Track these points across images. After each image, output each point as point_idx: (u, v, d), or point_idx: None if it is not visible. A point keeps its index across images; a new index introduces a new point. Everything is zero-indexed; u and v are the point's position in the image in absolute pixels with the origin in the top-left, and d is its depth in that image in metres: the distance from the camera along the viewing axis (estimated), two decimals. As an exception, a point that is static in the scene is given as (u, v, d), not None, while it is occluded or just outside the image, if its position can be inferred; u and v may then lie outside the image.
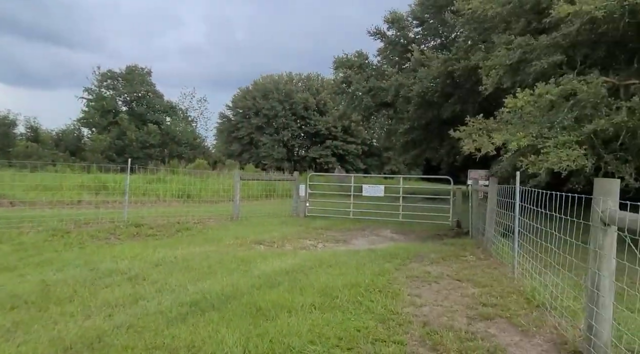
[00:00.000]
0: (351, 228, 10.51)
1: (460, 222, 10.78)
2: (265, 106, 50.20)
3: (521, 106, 6.07)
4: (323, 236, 9.19)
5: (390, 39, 22.49)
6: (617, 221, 2.63)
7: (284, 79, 53.79)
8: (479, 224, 8.81)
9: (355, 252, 7.23)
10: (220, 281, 4.93)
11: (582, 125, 5.70)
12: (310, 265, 5.92)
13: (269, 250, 7.17)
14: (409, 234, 10.05)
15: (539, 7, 9.76)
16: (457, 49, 14.92)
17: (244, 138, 51.60)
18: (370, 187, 11.97)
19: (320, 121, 49.95)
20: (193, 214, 11.08)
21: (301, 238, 8.69)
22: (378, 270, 5.69)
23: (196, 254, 6.42)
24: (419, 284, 5.12)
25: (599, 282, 2.88)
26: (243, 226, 9.86)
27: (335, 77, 22.94)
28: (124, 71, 38.53)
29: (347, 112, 23.99)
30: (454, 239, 9.01)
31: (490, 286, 4.96)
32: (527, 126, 6.42)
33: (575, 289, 4.68)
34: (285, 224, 10.62)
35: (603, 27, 6.87)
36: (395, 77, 18.41)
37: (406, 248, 7.66)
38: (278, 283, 4.94)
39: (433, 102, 16.41)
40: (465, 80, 15.25)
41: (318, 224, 10.71)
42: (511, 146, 5.83)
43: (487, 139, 6.26)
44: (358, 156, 51.85)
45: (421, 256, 6.98)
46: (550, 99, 5.80)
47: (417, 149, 22.70)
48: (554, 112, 6.15)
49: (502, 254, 6.53)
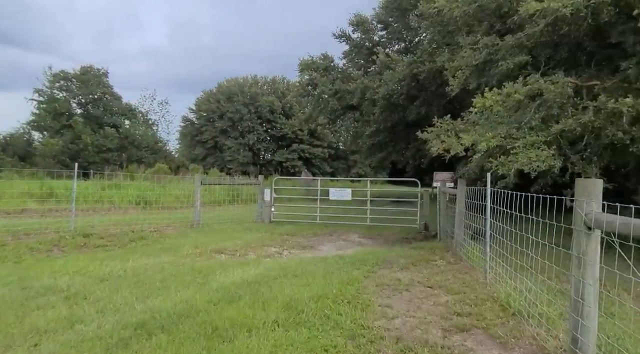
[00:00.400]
0: (318, 233, 10.18)
1: (427, 225, 10.68)
2: (230, 109, 49.26)
3: (490, 105, 5.96)
4: (289, 242, 8.80)
5: (355, 42, 22.43)
6: (605, 225, 2.42)
7: (249, 82, 53.03)
8: (447, 227, 8.69)
9: (323, 259, 6.90)
10: (174, 297, 4.45)
11: (550, 125, 5.65)
12: (274, 275, 5.52)
13: (231, 259, 6.71)
14: (377, 239, 9.82)
15: (500, 10, 9.85)
16: (422, 52, 14.97)
17: (208, 142, 50.38)
18: (337, 190, 11.70)
19: (287, 124, 49.55)
20: (150, 222, 10.40)
21: (265, 245, 8.27)
22: (346, 278, 5.37)
23: (149, 267, 5.87)
24: (390, 293, 4.84)
25: (583, 290, 2.67)
26: (204, 234, 9.31)
27: (301, 79, 22.63)
28: (78, 72, 36.58)
29: (313, 115, 23.71)
30: (423, 242, 8.86)
31: (463, 293, 4.75)
32: (494, 127, 6.32)
33: (549, 293, 4.54)
34: (249, 230, 10.15)
35: (565, 29, 6.91)
36: (361, 79, 18.31)
37: (375, 253, 7.40)
38: (238, 296, 4.52)
39: (399, 104, 16.39)
40: (430, 82, 15.31)
41: (284, 230, 10.31)
42: (480, 146, 5.69)
43: (456, 140, 6.11)
44: (324, 159, 51.78)
45: (390, 261, 6.73)
46: (518, 98, 5.71)
47: (383, 151, 22.70)
48: (521, 113, 6.09)
49: (473, 258, 6.37)
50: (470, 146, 6.01)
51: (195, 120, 52.69)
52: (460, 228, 7.29)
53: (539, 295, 4.43)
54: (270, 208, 11.78)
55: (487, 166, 5.96)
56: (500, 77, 8.04)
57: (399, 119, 17.62)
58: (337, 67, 23.20)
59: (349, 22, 22.21)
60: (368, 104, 18.76)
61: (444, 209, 9.14)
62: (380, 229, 10.99)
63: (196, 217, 10.38)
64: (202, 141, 50.59)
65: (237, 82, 51.85)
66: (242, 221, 11.70)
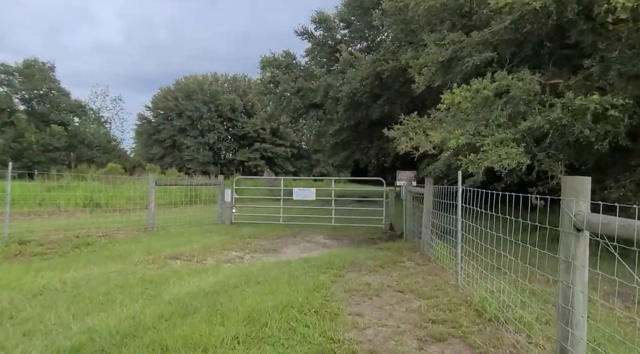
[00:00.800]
0: (281, 235, 9.78)
1: (393, 225, 10.54)
2: (189, 107, 47.76)
3: (459, 101, 5.83)
4: (251, 245, 8.35)
5: (318, 40, 22.18)
6: (601, 227, 2.20)
7: (209, 80, 51.66)
8: (414, 226, 8.56)
9: (287, 263, 6.52)
10: (118, 312, 3.93)
11: (517, 122, 5.59)
12: (234, 283, 5.09)
13: (187, 266, 6.19)
14: (342, 239, 9.56)
15: (461, 10, 9.86)
16: (385, 50, 14.89)
17: (165, 141, 48.63)
18: (301, 190, 11.34)
19: (248, 123, 48.68)
20: (99, 226, 9.61)
21: (226, 249, 7.78)
22: (313, 284, 5.02)
23: (93, 277, 5.27)
24: (359, 300, 4.54)
25: (572, 298, 2.47)
26: (158, 238, 8.67)
27: (262, 76, 22.09)
28: (20, 65, 34.02)
29: (276, 114, 23.23)
30: (389, 243, 8.67)
31: (436, 297, 4.53)
32: (462, 124, 6.20)
33: (522, 294, 4.40)
34: (208, 233, 9.58)
35: (528, 27, 6.91)
36: (324, 77, 18.06)
37: (341, 255, 7.11)
38: (194, 309, 4.06)
39: (362, 103, 16.26)
40: (393, 81, 15.28)
41: (245, 232, 9.82)
42: (450, 144, 5.54)
43: (425, 138, 5.93)
44: (287, 158, 51.32)
45: (358, 264, 6.45)
46: (487, 95, 5.61)
47: (346, 150, 22.59)
48: (488, 110, 6.00)
49: (442, 259, 6.21)
50: (439, 144, 5.85)
51: (152, 118, 50.70)
52: (427, 228, 7.14)
53: (512, 297, 4.28)
54: (231, 209, 11.25)
55: (455, 164, 5.82)
56: (464, 75, 7.98)
57: (362, 118, 17.51)
58: (299, 65, 22.85)
59: (311, 20, 21.94)
60: (331, 102, 18.53)
61: (410, 209, 9.01)
62: (345, 229, 10.74)
63: (150, 220, 9.69)
64: (160, 140, 48.76)
65: (196, 79, 50.34)
66: (202, 223, 11.09)
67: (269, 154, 49.43)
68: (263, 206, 13.86)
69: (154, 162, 44.42)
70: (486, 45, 7.04)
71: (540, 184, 6.42)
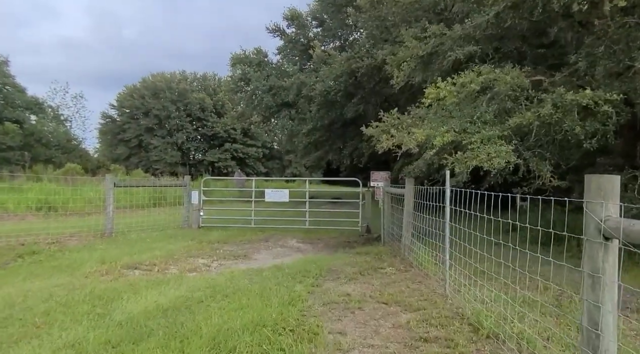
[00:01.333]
0: (253, 239, 9.19)
1: (370, 227, 10.15)
2: (156, 106, 46.11)
3: (444, 96, 5.47)
4: (219, 251, 7.73)
5: (290, 37, 21.64)
6: None
7: (177, 78, 50.09)
8: (392, 229, 8.18)
9: (258, 271, 5.97)
10: (56, 339, 3.29)
11: (505, 119, 5.29)
12: (199, 297, 4.51)
13: (146, 277, 5.54)
14: (317, 243, 9.08)
15: (437, 7, 9.60)
16: (360, 48, 14.56)
17: (131, 141, 46.77)
18: (274, 191, 10.78)
19: (218, 122, 47.50)
20: (50, 232, 8.72)
21: (192, 256, 7.14)
22: (287, 297, 4.52)
23: (32, 294, 4.56)
24: (340, 314, 4.07)
25: (600, 319, 2.07)
26: (116, 245, 7.92)
27: (233, 74, 21.33)
28: (-30, 58, 31.70)
29: (247, 112, 22.51)
30: (366, 246, 8.25)
31: (424, 310, 4.11)
32: (445, 121, 5.84)
33: (515, 302, 4.04)
34: (173, 238, 8.89)
35: (508, 22, 6.66)
36: (297, 75, 17.55)
37: (317, 262, 6.63)
38: (149, 332, 3.48)
39: (336, 101, 15.85)
40: (368, 79, 14.96)
41: (214, 237, 9.18)
42: (436, 141, 5.16)
43: (407, 135, 5.54)
44: (259, 159, 50.43)
45: (336, 271, 5.99)
46: (474, 89, 5.28)
47: (319, 150, 22.15)
48: (473, 106, 5.68)
49: (425, 264, 5.83)
50: (423, 141, 5.47)
51: (117, 117, 48.66)
52: (408, 231, 6.76)
53: (506, 307, 3.91)
54: (199, 212, 10.56)
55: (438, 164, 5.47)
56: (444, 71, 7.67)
57: (336, 117, 17.11)
58: (271, 63, 22.25)
59: (283, 17, 21.38)
60: (304, 101, 18.06)
61: (388, 210, 8.64)
62: (319, 232, 10.26)
63: (108, 225, 8.89)
64: (125, 140, 46.86)
65: (163, 77, 48.68)
66: (166, 227, 10.35)
67: (240, 154, 48.41)
68: (233, 208, 13.20)
69: (119, 162, 42.61)
70: (468, 39, 6.74)
71: (525, 185, 6.16)
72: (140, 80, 48.19)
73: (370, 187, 10.92)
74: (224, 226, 10.66)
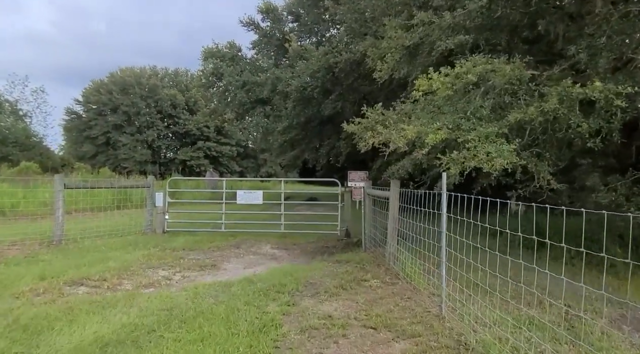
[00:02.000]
0: (223, 246, 8.41)
1: (349, 231, 9.52)
2: (125, 102, 44.22)
3: (437, 88, 4.89)
4: (184, 260, 6.93)
5: (264, 31, 20.78)
6: None
7: (148, 73, 48.24)
8: (375, 234, 7.59)
9: (226, 286, 5.23)
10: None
11: (504, 114, 4.75)
12: (151, 324, 3.75)
13: (91, 296, 4.70)
14: (293, 249, 8.38)
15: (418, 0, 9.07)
16: (338, 42, 13.93)
17: (98, 138, 44.71)
18: (246, 193, 9.99)
19: (191, 120, 45.97)
20: (-10, 240, 7.69)
21: (151, 267, 6.32)
22: (259, 322, 3.82)
23: (-61, 324, 3.67)
24: (322, 344, 3.40)
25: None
26: (64, 255, 6.98)
27: (204, 68, 20.29)
28: None
29: (219, 109, 21.52)
30: (347, 253, 7.61)
31: (420, 336, 3.49)
32: (435, 117, 5.26)
33: (522, 323, 3.49)
34: (132, 246, 8.00)
35: (499, 12, 6.16)
36: (272, 70, 16.76)
37: (293, 272, 5.94)
38: (77, 379, 2.70)
39: (313, 98, 15.13)
40: (346, 76, 14.32)
41: (179, 243, 8.35)
42: (428, 139, 4.56)
43: (396, 132, 4.92)
44: (233, 158, 49.20)
45: (314, 284, 5.32)
46: (470, 80, 4.72)
47: (295, 149, 21.38)
48: (466, 101, 5.12)
49: (413, 275, 5.24)
50: (414, 139, 4.86)
51: (83, 113, 46.41)
52: (393, 238, 6.17)
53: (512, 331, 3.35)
54: (164, 215, 9.67)
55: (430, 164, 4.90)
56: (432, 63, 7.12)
57: (313, 114, 16.40)
58: (245, 58, 21.33)
59: (257, 9, 20.51)
60: (280, 97, 17.28)
61: (370, 214, 8.03)
62: (296, 237, 9.56)
63: (57, 232, 7.90)
64: (92, 137, 44.77)
65: (133, 72, 46.74)
66: (127, 233, 9.41)
67: (214, 153, 47.06)
68: (202, 211, 12.32)
69: (85, 161, 40.63)
70: (458, 29, 6.18)
71: (520, 187, 5.66)
72: (107, 75, 46.11)
73: (348, 187, 10.29)
74: (192, 231, 9.81)
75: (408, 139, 4.78)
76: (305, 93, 15.04)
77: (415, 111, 5.87)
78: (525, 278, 4.21)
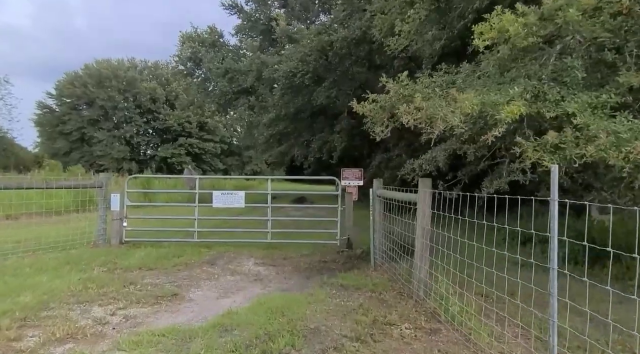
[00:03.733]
0: (193, 262, 6.60)
1: (351, 240, 7.79)
2: (101, 96, 41.80)
3: (508, 37, 3.20)
4: (136, 287, 5.10)
5: (249, 15, 18.89)
6: None
7: (126, 66, 45.78)
8: (387, 245, 5.88)
9: (185, 337, 3.46)
10: None
11: (602, 78, 3.11)
12: None
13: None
14: (283, 265, 6.61)
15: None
16: (334, 20, 12.18)
17: (72, 133, 42.23)
18: (225, 194, 8.17)
19: (172, 115, 43.76)
20: None
21: (83, 302, 4.48)
22: None
23: None
24: None
25: None
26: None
27: (180, 54, 18.30)
28: None
29: (199, 99, 19.57)
30: (353, 273, 5.88)
31: None
32: (490, 87, 3.56)
33: None
34: (73, 264, 6.13)
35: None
36: (256, 54, 14.92)
37: (285, 309, 4.19)
38: None
39: (303, 85, 13.33)
40: (341, 60, 12.58)
41: (136, 260, 6.50)
42: (505, 113, 2.86)
43: (446, 105, 3.23)
44: (217, 155, 47.10)
45: (318, 332, 3.59)
46: (571, 18, 3.04)
47: (283, 144, 19.55)
48: (540, 61, 3.45)
49: (460, 316, 3.55)
50: (475, 113, 3.16)
51: (56, 107, 43.72)
52: (424, 259, 4.45)
53: None
54: (121, 222, 7.79)
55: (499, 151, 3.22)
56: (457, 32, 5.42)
57: (303, 105, 14.60)
58: (227, 45, 19.42)
59: (241, -10, 18.63)
60: (265, 86, 15.46)
61: (381, 222, 6.33)
62: (286, 248, 7.78)
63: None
64: (65, 133, 42.22)
65: (109, 64, 44.26)
66: (73, 245, 7.51)
67: (196, 149, 44.91)
68: (172, 216, 10.45)
69: (58, 157, 38.08)
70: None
71: (605, 188, 4.00)
72: (82, 67, 43.50)
73: (348, 187, 8.54)
74: (157, 241, 7.94)
75: (466, 113, 3.08)
76: (294, 80, 13.23)
77: (459, 79, 4.14)
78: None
